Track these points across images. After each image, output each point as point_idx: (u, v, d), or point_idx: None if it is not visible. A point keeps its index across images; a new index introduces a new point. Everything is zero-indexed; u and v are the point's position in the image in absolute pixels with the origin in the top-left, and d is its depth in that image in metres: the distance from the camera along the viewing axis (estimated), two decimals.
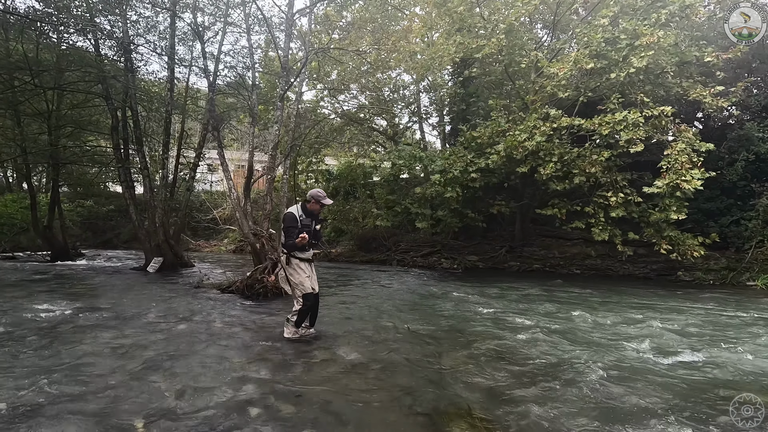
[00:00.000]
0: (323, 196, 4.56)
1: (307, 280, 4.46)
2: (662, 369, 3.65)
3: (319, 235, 4.71)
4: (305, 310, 4.41)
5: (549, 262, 13.69)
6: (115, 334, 4.46)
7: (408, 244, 16.88)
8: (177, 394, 2.92)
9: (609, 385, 3.21)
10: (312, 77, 16.02)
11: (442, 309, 6.33)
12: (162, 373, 3.36)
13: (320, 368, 3.59)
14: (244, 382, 3.20)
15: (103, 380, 3.17)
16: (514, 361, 3.79)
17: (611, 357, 3.94)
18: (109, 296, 6.76)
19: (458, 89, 14.02)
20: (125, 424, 2.48)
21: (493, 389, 3.12)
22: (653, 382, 3.30)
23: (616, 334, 4.82)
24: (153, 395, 2.91)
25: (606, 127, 9.09)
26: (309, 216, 4.54)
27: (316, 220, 4.61)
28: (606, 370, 3.52)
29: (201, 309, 5.80)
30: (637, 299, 7.46)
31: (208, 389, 3.03)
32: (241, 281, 7.42)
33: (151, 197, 11.54)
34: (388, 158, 11.05)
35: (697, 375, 3.50)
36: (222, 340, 4.36)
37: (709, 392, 3.13)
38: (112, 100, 11.52)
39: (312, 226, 4.54)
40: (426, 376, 3.41)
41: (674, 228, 8.99)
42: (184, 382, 3.18)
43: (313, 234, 4.55)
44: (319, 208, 4.55)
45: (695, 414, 2.74)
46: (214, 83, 11.04)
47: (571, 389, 3.13)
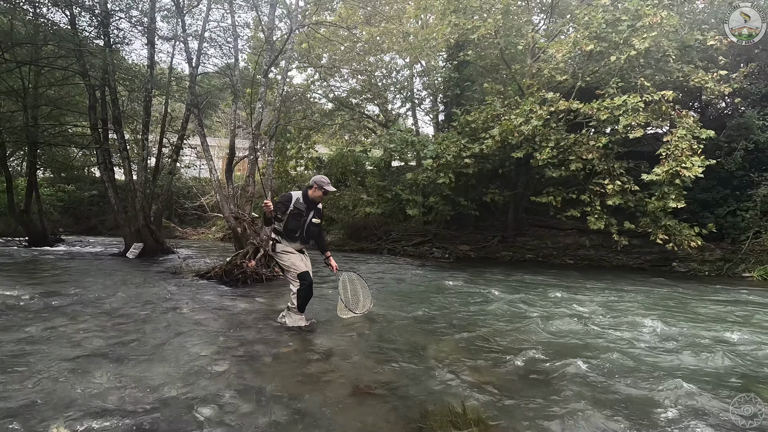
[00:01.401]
0: (327, 182, 4.14)
1: (299, 261, 4.12)
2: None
3: (313, 231, 4.20)
4: (304, 289, 4.03)
5: (542, 252, 13.45)
6: (68, 320, 4.03)
7: (399, 233, 16.57)
8: (117, 390, 2.52)
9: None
10: (302, 60, 15.47)
11: (434, 299, 6.00)
12: (107, 365, 2.95)
13: (291, 360, 3.21)
14: (200, 375, 2.81)
15: (35, 372, 2.78)
16: (509, 353, 3.46)
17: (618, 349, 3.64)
18: (76, 282, 6.33)
19: (452, 73, 13.60)
20: (38, 428, 2.08)
21: (487, 385, 2.78)
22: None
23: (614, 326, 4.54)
24: (88, 391, 2.51)
25: (604, 112, 8.75)
26: (307, 204, 4.12)
27: (315, 213, 4.17)
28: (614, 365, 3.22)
29: (172, 295, 5.40)
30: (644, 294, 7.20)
31: (156, 385, 2.64)
32: (220, 267, 7.03)
33: (131, 181, 11.04)
34: (380, 142, 10.63)
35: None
36: (186, 329, 3.95)
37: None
38: (90, 78, 10.94)
39: (306, 216, 4.11)
40: (413, 370, 3.06)
41: (672, 217, 8.73)
42: (130, 375, 2.78)
43: (305, 227, 4.12)
44: (320, 196, 4.13)
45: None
46: (197, 61, 10.52)
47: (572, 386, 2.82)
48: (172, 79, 13.31)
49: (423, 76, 17.44)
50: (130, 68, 13.40)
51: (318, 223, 4.23)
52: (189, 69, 8.81)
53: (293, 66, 12.59)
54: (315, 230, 4.23)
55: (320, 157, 19.26)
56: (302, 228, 4.11)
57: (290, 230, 4.08)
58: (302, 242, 4.21)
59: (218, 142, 26.22)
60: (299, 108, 16.31)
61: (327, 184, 4.13)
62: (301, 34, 13.47)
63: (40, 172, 21.07)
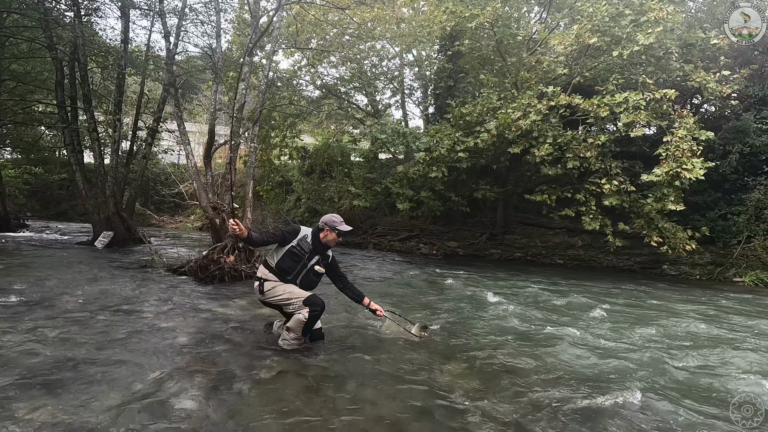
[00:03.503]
0: (340, 221, 3.41)
1: (293, 287, 3.32)
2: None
3: (313, 281, 3.43)
4: (316, 313, 3.26)
5: (531, 251, 13.23)
6: (5, 326, 3.38)
7: (385, 228, 16.14)
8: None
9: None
10: (289, 44, 14.75)
11: (430, 301, 5.59)
12: (36, 391, 2.35)
13: (275, 391, 2.63)
14: (155, 413, 2.20)
15: None
16: (530, 378, 3.02)
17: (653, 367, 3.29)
18: (31, 275, 5.67)
19: (446, 64, 13.15)
20: None
21: (509, 423, 2.34)
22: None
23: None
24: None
25: (604, 108, 8.45)
26: (314, 247, 3.37)
27: (322, 259, 3.42)
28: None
29: (139, 294, 4.81)
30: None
31: (87, 424, 2.03)
32: (195, 261, 6.46)
33: (101, 164, 10.25)
34: (370, 132, 10.12)
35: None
36: (148, 341, 3.33)
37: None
38: (57, 51, 10.06)
39: (307, 260, 3.35)
40: (423, 403, 2.54)
41: (668, 220, 8.52)
42: (60, 407, 2.19)
43: (302, 273, 3.35)
44: (334, 239, 3.41)
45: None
46: (177, 37, 9.77)
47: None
48: (148, 57, 12.44)
49: (414, 67, 16.94)
50: (103, 43, 12.49)
51: (321, 273, 3.44)
52: (166, 45, 8.09)
53: (280, 48, 11.92)
54: (315, 280, 3.44)
55: (305, 147, 18.60)
56: (298, 273, 3.35)
57: (283, 270, 3.32)
58: (300, 287, 3.38)
59: (199, 127, 25.17)
60: (284, 95, 15.61)
61: (340, 224, 3.40)
62: (289, 17, 12.77)
63: (6, 152, 19.83)
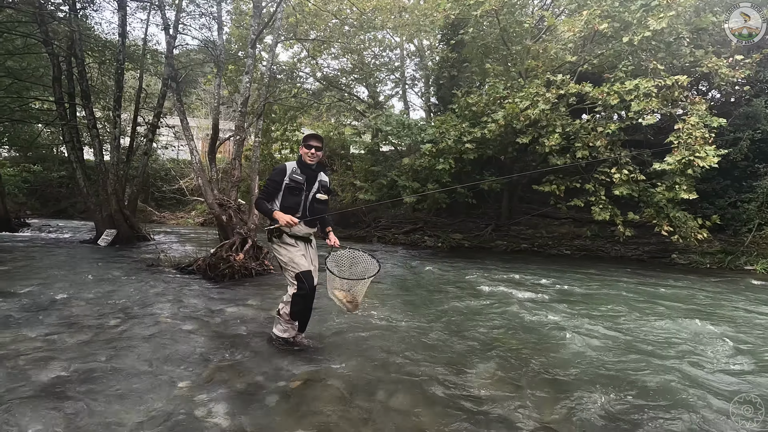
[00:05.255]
0: (305, 133, 3.36)
1: (300, 256, 3.24)
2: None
3: (318, 209, 3.28)
4: (302, 295, 3.16)
5: (537, 242, 13.13)
6: (16, 334, 3.24)
7: (389, 221, 16.03)
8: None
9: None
10: (289, 35, 14.50)
11: (442, 296, 5.48)
12: (53, 408, 2.19)
13: (304, 401, 2.50)
14: (181, 426, 2.08)
15: None
16: (561, 378, 2.89)
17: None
18: (38, 277, 5.55)
19: (449, 53, 12.92)
20: None
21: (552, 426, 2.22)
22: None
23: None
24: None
25: (614, 96, 8.28)
26: (306, 174, 3.24)
27: (320, 187, 3.29)
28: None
29: (148, 295, 4.70)
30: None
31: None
32: (204, 259, 6.34)
33: (102, 161, 10.09)
34: (375, 123, 9.95)
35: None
36: (166, 346, 3.21)
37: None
38: (53, 46, 9.84)
39: (307, 191, 3.23)
40: (465, 413, 2.39)
41: (680, 209, 8.41)
42: (80, 426, 2.03)
43: (307, 204, 3.23)
44: (311, 155, 3.20)
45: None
46: (175, 28, 9.54)
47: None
48: (146, 51, 12.21)
49: (415, 57, 16.71)
50: (99, 38, 12.24)
51: (324, 199, 3.32)
52: (166, 38, 7.88)
53: (281, 40, 11.70)
54: (321, 208, 3.31)
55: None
56: (304, 206, 3.23)
57: (287, 209, 3.18)
58: (306, 224, 3.27)
59: (197, 122, 24.89)
60: (285, 88, 15.40)
61: (309, 138, 3.23)
62: (288, 8, 12.53)
63: (3, 151, 19.61)
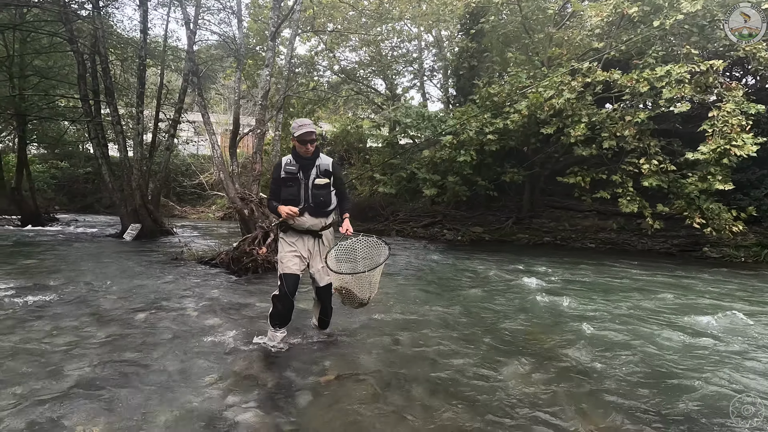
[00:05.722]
0: (298, 125, 3.05)
1: (290, 255, 3.10)
2: None
3: (319, 195, 3.08)
4: (278, 297, 3.05)
5: (560, 235, 12.84)
6: (47, 328, 3.29)
7: (407, 214, 15.90)
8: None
9: None
10: (306, 28, 14.45)
11: (476, 292, 5.32)
12: (89, 404, 2.17)
13: (334, 393, 2.41)
14: (214, 424, 2.04)
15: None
16: (603, 378, 2.74)
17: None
18: (66, 270, 5.68)
19: (469, 43, 12.67)
20: None
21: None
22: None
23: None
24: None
25: (644, 83, 7.96)
26: (300, 163, 3.08)
27: (318, 172, 3.08)
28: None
29: (174, 289, 4.74)
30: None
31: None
32: (227, 253, 6.38)
33: (125, 156, 10.27)
34: (395, 115, 9.83)
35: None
36: (193, 341, 3.18)
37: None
38: (78, 44, 10.02)
39: (302, 179, 3.06)
40: (503, 410, 2.30)
41: (714, 200, 8.06)
42: (115, 424, 2.04)
43: (306, 193, 3.06)
44: (305, 150, 3.03)
45: None
46: (195, 23, 9.58)
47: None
48: (167, 47, 12.34)
49: (434, 48, 16.46)
50: (122, 36, 12.44)
51: (324, 183, 3.09)
52: (186, 33, 7.92)
53: (299, 32, 11.65)
54: (323, 194, 3.09)
55: (323, 134, 18.40)
56: (303, 196, 3.07)
57: (287, 202, 3.05)
58: (312, 214, 3.10)
59: (216, 118, 25.18)
60: (303, 81, 15.39)
61: (297, 128, 3.02)
62: (306, 0, 12.48)
63: (33, 148, 20.22)
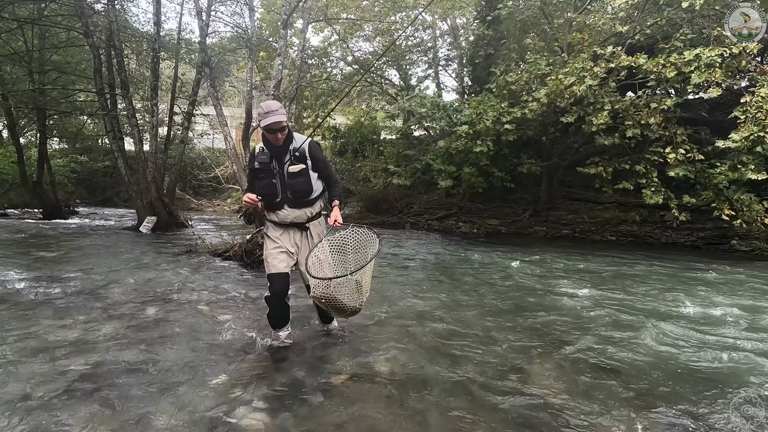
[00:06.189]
0: (263, 111, 2.65)
1: (275, 253, 2.82)
2: None
3: (297, 184, 2.73)
4: (270, 298, 2.80)
5: (579, 228, 12.50)
6: (57, 321, 3.27)
7: (421, 206, 15.72)
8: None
9: None
10: (319, 18, 14.29)
11: (495, 287, 5.14)
12: (89, 403, 2.08)
13: (347, 394, 2.29)
14: (220, 426, 1.94)
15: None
16: (634, 381, 2.56)
17: None
18: (83, 262, 5.71)
19: (485, 30, 12.33)
20: None
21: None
22: None
23: None
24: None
25: (671, 68, 7.59)
26: (272, 151, 2.74)
27: (293, 158, 2.73)
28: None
29: (186, 281, 4.70)
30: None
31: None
32: (240, 246, 6.34)
33: (141, 150, 10.33)
34: (409, 106, 9.63)
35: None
36: (203, 337, 3.08)
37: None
38: (93, 38, 10.07)
39: (275, 169, 2.74)
40: (517, 410, 2.16)
41: (745, 190, 7.69)
42: (116, 424, 1.93)
43: (280, 182, 2.74)
44: (274, 139, 2.67)
45: None
46: (208, 14, 9.52)
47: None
48: (180, 40, 12.34)
49: (448, 36, 16.12)
50: (136, 30, 12.48)
51: (299, 170, 2.72)
52: (199, 22, 7.86)
53: (312, 21, 11.50)
54: (301, 182, 2.73)
55: (336, 126, 18.28)
56: (280, 187, 2.75)
57: (264, 196, 2.75)
58: (291, 206, 2.78)
59: (230, 111, 25.30)
60: (316, 72, 15.27)
61: (264, 116, 2.62)
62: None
63: (54, 142, 20.64)
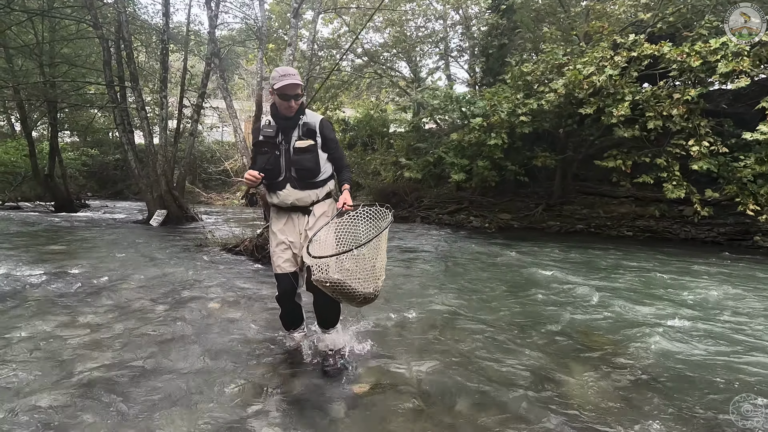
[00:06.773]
0: (278, 74, 2.33)
1: (279, 251, 2.50)
2: None
3: (304, 160, 2.40)
4: (279, 298, 2.56)
5: (594, 222, 12.22)
6: (65, 319, 3.14)
7: (431, 200, 15.53)
8: None
9: None
10: (329, 8, 14.07)
11: (514, 285, 4.94)
12: (93, 411, 1.96)
13: (371, 405, 2.10)
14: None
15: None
16: (677, 389, 2.40)
17: None
18: (92, 256, 5.65)
19: (499, 20, 12.02)
20: None
21: None
22: None
23: None
24: None
25: (696, 57, 7.28)
26: (279, 123, 2.41)
27: (301, 131, 2.40)
28: None
29: (197, 277, 4.59)
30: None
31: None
32: (250, 240, 6.23)
33: (151, 143, 10.27)
34: (421, 98, 9.42)
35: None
36: (215, 338, 2.91)
37: None
38: (102, 30, 9.99)
39: (281, 143, 2.40)
40: (556, 423, 2.01)
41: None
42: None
43: (285, 158, 2.40)
44: (287, 106, 2.34)
45: None
46: (217, 5, 9.37)
47: None
48: (189, 32, 12.22)
49: (460, 26, 15.79)
50: (145, 22, 12.40)
51: (307, 146, 2.39)
52: (208, 12, 7.71)
53: (322, 10, 11.30)
54: (307, 159, 2.39)
55: (346, 119, 18.09)
56: (282, 163, 2.40)
57: (266, 173, 2.38)
58: (294, 186, 2.42)
59: (240, 105, 25.22)
60: (326, 65, 15.07)
61: (279, 78, 2.31)
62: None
63: (65, 136, 20.77)
